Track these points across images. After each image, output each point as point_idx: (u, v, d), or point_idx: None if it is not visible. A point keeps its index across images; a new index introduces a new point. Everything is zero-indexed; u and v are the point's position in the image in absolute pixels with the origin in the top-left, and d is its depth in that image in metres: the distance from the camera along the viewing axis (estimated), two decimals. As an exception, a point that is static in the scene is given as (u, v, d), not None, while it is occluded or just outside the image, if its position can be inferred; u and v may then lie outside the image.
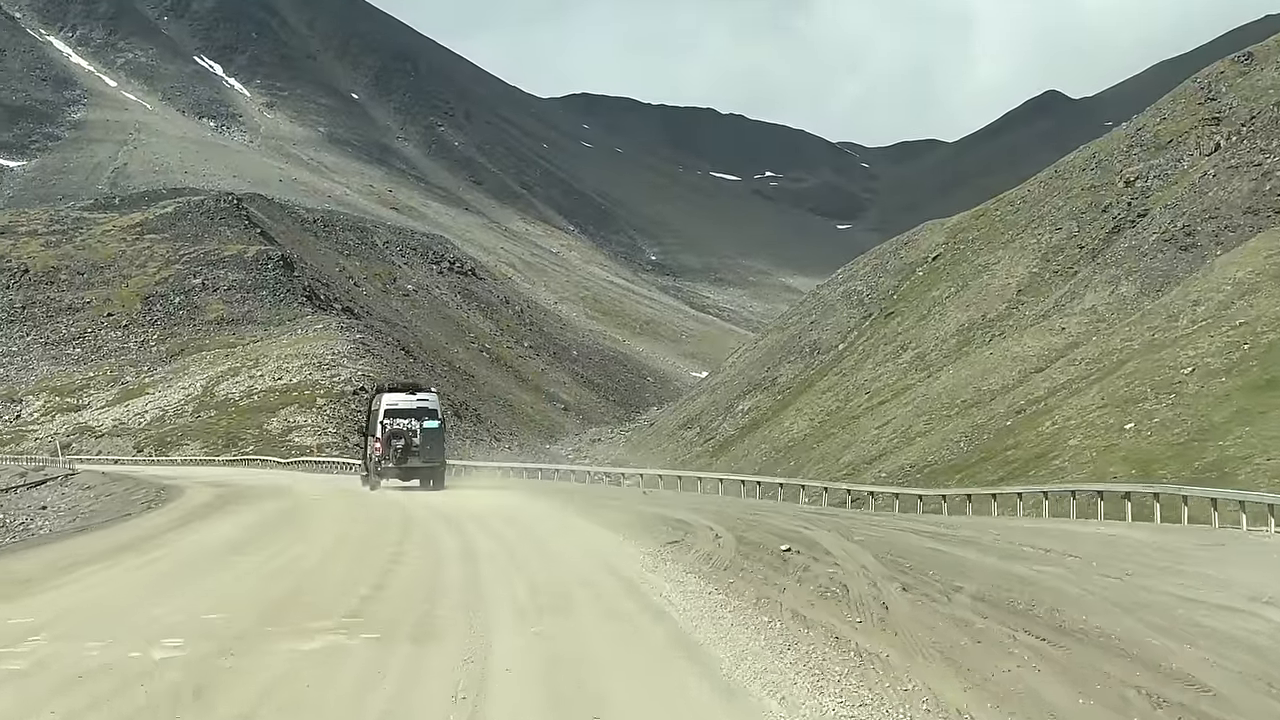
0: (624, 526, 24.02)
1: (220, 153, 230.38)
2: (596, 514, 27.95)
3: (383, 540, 22.03)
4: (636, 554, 19.59)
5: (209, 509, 29.46)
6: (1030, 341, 73.78)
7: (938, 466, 58.36)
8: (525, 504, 33.13)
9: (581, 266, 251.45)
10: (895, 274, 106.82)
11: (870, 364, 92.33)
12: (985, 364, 74.69)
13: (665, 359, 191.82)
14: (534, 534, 24.08)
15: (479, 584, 16.45)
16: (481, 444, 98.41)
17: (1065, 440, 49.71)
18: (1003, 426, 58.83)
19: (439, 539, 22.54)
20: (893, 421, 75.53)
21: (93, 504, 32.02)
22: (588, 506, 31.10)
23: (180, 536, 23.35)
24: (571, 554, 20.38)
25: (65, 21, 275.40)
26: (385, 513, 29.14)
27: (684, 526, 23.37)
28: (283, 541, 22.22)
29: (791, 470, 78.70)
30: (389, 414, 41.69)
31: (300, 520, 27.27)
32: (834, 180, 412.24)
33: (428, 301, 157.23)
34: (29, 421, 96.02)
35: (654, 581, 16.47)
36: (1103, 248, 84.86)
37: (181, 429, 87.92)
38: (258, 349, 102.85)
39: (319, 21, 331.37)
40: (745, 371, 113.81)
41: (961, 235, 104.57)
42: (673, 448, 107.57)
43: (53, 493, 37.58)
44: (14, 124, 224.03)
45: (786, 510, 32.24)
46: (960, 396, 71.18)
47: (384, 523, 26.04)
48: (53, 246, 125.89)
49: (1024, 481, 47.34)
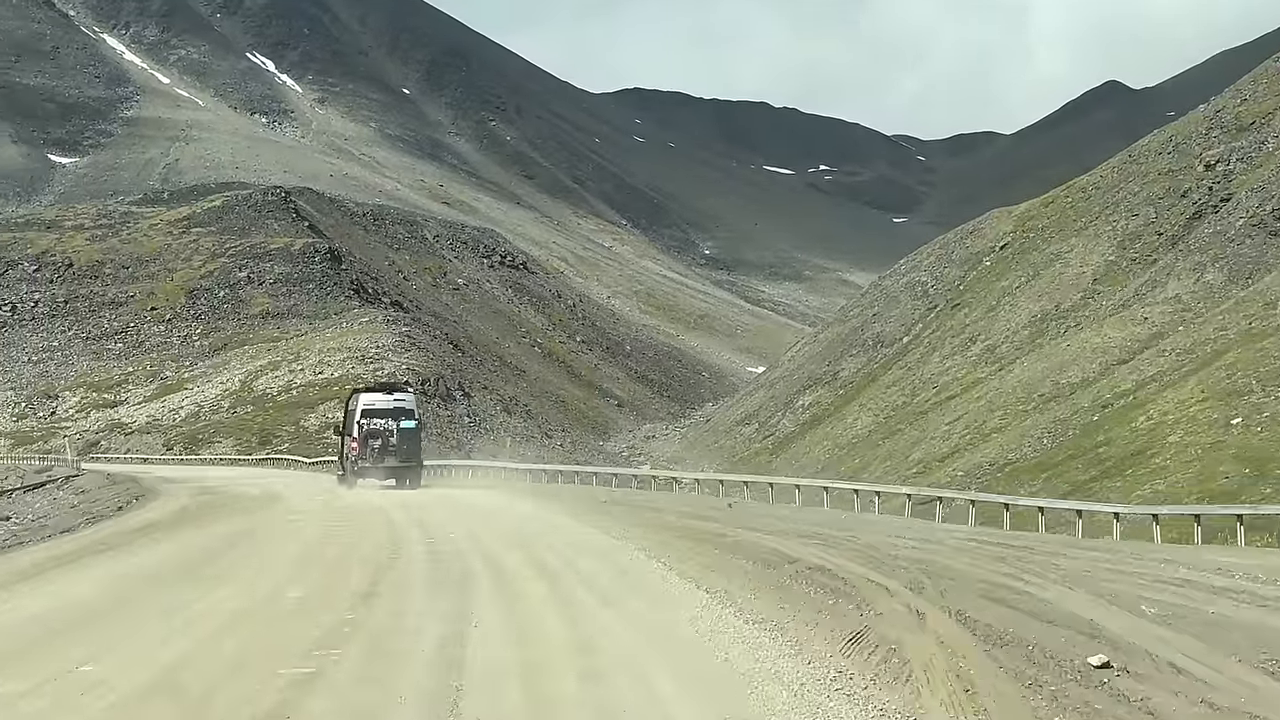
0: (746, 590, 15.52)
1: (272, 149, 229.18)
2: (682, 551, 19.64)
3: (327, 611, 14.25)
4: (815, 681, 10.84)
5: (157, 527, 25.10)
6: (1111, 332, 70.03)
7: (1019, 464, 54.68)
8: (570, 529, 24.78)
9: (634, 261, 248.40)
10: (961, 264, 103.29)
11: (937, 357, 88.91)
12: (1063, 356, 71.14)
13: (720, 354, 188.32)
14: (585, 610, 14.53)
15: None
16: (532, 441, 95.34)
17: (1164, 436, 45.90)
18: (1089, 422, 55.04)
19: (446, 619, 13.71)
20: (964, 417, 72.09)
21: (69, 511, 28.91)
22: (663, 531, 23.31)
23: (96, 563, 19.16)
24: (649, 660, 11.66)
25: (119, 19, 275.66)
26: (362, 540, 22.10)
27: (838, 586, 15.64)
28: (187, 596, 15.53)
29: (857, 468, 75.48)
30: (366, 414, 41.80)
31: (228, 563, 19.34)
32: (889, 173, 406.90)
33: (478, 296, 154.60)
34: (63, 418, 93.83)
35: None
36: (1184, 234, 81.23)
37: (214, 426, 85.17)
38: (300, 343, 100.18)
39: (371, 17, 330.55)
40: (805, 366, 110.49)
41: (1030, 223, 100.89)
42: (730, 444, 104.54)
43: (42, 497, 34.80)
44: (67, 121, 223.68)
45: (932, 533, 26.71)
46: (1037, 390, 67.64)
47: (352, 565, 18.34)
48: (98, 241, 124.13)
49: (1120, 480, 43.60)
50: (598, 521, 26.22)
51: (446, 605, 14.47)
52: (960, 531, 29.53)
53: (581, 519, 27.16)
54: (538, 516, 28.55)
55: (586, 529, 24.60)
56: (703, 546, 20.66)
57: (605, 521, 26.16)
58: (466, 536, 22.70)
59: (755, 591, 15.53)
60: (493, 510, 30.86)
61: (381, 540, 22.32)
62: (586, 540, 22.23)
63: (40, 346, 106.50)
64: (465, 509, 31.15)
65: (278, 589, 15.97)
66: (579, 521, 26.48)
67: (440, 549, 20.51)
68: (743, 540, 21.52)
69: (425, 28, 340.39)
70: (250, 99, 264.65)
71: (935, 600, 14.58)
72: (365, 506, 31.57)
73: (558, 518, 28.25)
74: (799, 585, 16.05)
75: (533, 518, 28.22)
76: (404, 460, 41.82)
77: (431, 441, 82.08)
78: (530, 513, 30.01)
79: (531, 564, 18.31)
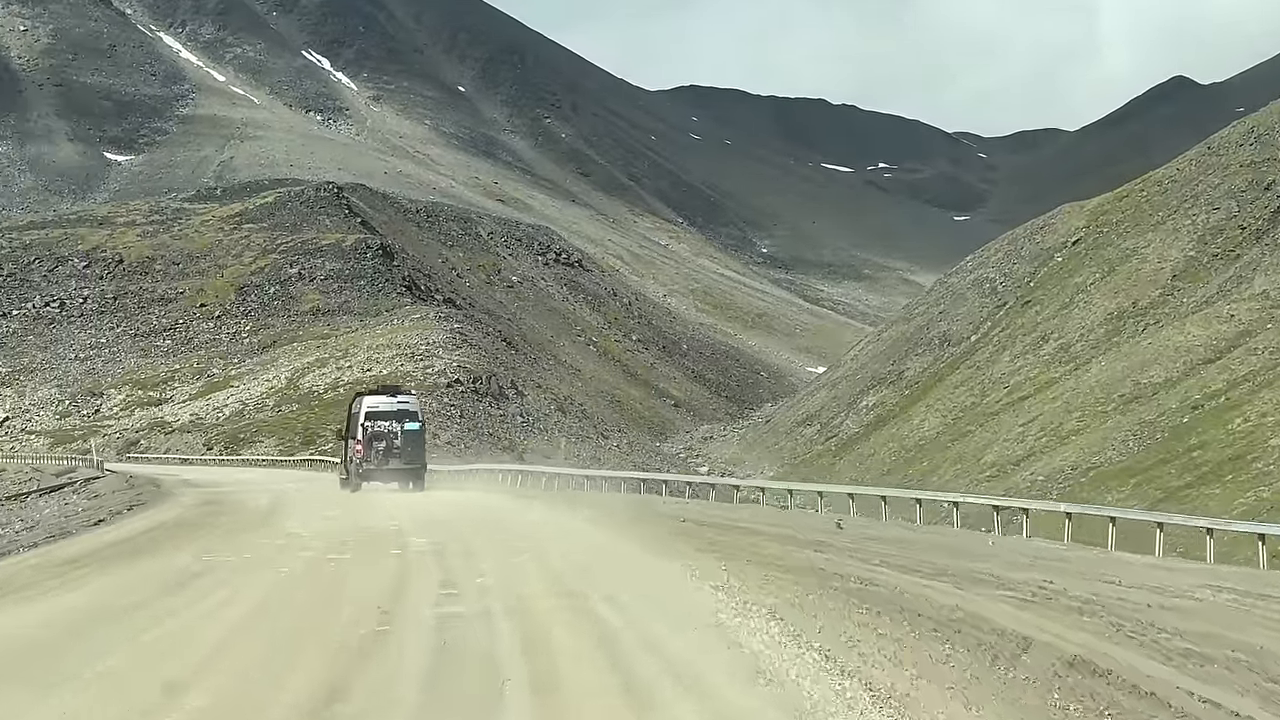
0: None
1: (326, 146, 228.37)
2: (830, 616, 13.52)
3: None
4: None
5: (97, 557, 21.33)
6: (1194, 330, 66.66)
7: (1105, 468, 51.53)
8: (651, 574, 18.21)
9: (691, 259, 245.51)
10: (1031, 260, 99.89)
11: (1008, 356, 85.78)
12: (1143, 355, 67.89)
13: (779, 354, 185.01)
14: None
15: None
16: (588, 441, 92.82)
17: (1264, 440, 42.74)
18: (1178, 424, 51.79)
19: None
20: (1039, 418, 68.98)
21: (62, 519, 26.47)
22: (777, 572, 17.47)
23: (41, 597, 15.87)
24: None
25: (175, 17, 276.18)
26: (353, 583, 17.13)
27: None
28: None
29: (925, 470, 72.57)
30: (370, 416, 41.93)
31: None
32: (950, 171, 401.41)
33: (533, 293, 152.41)
34: (107, 416, 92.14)
35: None
36: (1269, 228, 78.01)
37: (258, 425, 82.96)
38: (350, 339, 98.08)
39: (426, 15, 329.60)
40: (868, 365, 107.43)
41: (1104, 218, 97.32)
42: (790, 446, 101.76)
43: (54, 501, 32.65)
44: (123, 119, 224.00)
45: (1105, 567, 22.24)
46: (1117, 390, 64.42)
47: (317, 637, 12.86)
48: (149, 237, 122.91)
49: (1219, 486, 40.45)
50: (682, 554, 19.93)
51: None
52: (1115, 560, 25.29)
53: (662, 552, 20.51)
54: (603, 546, 22.54)
55: (673, 572, 17.69)
56: (852, 604, 14.37)
57: (691, 553, 19.96)
58: (502, 584, 16.61)
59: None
60: (542, 534, 24.95)
61: (380, 586, 16.70)
62: (677, 595, 15.31)
63: (88, 343, 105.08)
64: (505, 532, 25.16)
65: (166, 697, 10.16)
66: (659, 556, 20.03)
67: (457, 610, 14.40)
68: (907, 593, 15.70)
69: (481, 25, 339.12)
70: (305, 97, 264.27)
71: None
72: (377, 529, 25.96)
73: (626, 545, 22.03)
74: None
75: (597, 548, 22.24)
76: (408, 462, 41.84)
77: (482, 442, 79.66)
78: (591, 538, 24.22)
79: (602, 649, 12.02)
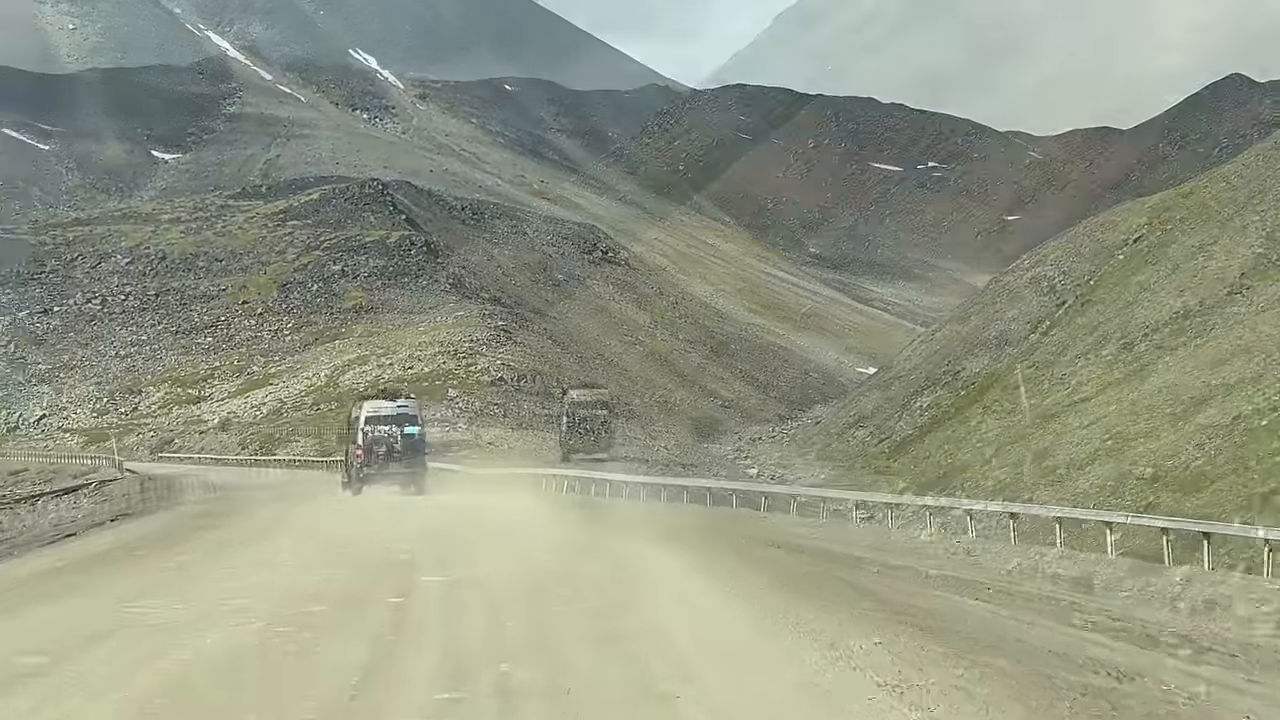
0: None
1: (373, 144, 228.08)
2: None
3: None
4: None
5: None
6: (1267, 329, 63.88)
7: (1179, 473, 48.99)
8: (760, 643, 14.37)
9: (739, 258, 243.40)
10: (1091, 258, 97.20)
11: (1068, 356, 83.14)
12: (1213, 355, 65.15)
13: (829, 354, 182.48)
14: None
15: None
16: (636, 443, 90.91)
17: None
18: (1257, 427, 49.14)
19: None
20: (1103, 420, 66.36)
21: (59, 525, 24.95)
22: (939, 643, 13.46)
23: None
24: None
25: (223, 16, 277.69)
26: (323, 646, 13.85)
27: None
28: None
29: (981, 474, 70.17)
30: (370, 420, 43.26)
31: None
32: (1002, 170, 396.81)
33: (579, 292, 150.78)
34: (144, 414, 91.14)
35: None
36: (1341, 223, 75.27)
37: (294, 423, 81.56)
38: (393, 337, 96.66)
39: (473, 14, 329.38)
40: (921, 366, 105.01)
41: (1167, 215, 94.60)
42: (842, 448, 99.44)
43: (63, 505, 31.09)
44: (170, 117, 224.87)
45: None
46: (1186, 393, 61.68)
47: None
48: (192, 233, 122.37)
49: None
50: (823, 626, 14.56)
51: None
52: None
53: (753, 599, 15.84)
54: (672, 586, 17.70)
55: (817, 665, 12.72)
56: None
57: (836, 627, 14.54)
58: (538, 678, 12.25)
59: None
60: (588, 571, 19.83)
61: (353, 660, 12.65)
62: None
63: (128, 340, 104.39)
64: (540, 566, 20.12)
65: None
66: (755, 608, 15.32)
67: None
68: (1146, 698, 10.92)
69: (528, 23, 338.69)
70: (352, 95, 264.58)
71: None
72: (383, 555, 22.33)
73: (697, 583, 17.57)
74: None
75: (664, 587, 17.51)
76: (408, 466, 43.41)
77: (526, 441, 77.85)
78: (657, 570, 19.47)
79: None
